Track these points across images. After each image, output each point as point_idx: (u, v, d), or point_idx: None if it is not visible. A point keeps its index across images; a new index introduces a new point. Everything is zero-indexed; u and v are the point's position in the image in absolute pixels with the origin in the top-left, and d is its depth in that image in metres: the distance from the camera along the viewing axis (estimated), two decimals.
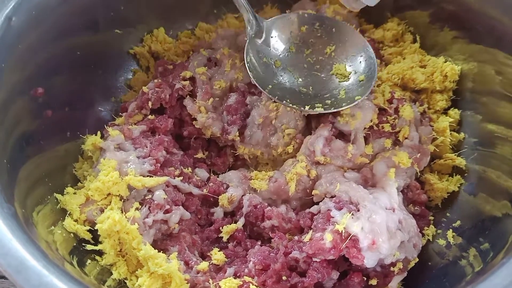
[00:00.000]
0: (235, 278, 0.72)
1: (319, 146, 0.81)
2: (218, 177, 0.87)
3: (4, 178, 0.65)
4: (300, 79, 0.88)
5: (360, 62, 0.88)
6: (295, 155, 0.86)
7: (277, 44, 0.90)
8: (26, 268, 0.55)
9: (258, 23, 0.88)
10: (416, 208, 0.82)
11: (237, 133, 0.87)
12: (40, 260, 0.56)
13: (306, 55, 0.90)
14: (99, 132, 0.84)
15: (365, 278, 0.73)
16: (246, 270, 0.73)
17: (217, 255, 0.76)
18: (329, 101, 0.84)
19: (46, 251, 0.59)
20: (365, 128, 0.83)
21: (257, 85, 0.84)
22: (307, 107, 0.83)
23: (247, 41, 0.88)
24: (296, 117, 0.87)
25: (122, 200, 0.76)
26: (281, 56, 0.90)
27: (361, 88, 0.84)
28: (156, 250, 0.70)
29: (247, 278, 0.71)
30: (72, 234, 0.73)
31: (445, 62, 0.90)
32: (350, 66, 0.88)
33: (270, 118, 0.86)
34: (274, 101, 0.84)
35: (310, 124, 0.89)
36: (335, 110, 0.82)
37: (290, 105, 0.82)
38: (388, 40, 0.99)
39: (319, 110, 0.82)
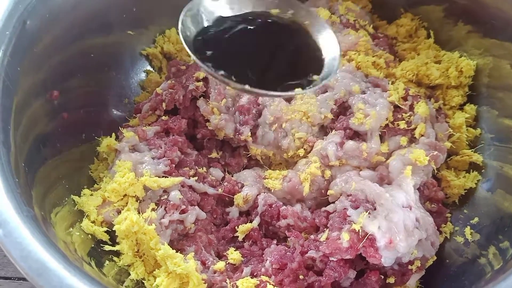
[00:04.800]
0: (252, 277, 0.72)
1: (332, 151, 0.80)
2: (232, 176, 0.87)
3: (22, 181, 0.66)
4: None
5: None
6: (308, 156, 0.85)
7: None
8: (47, 271, 0.55)
9: None
10: (433, 205, 0.81)
11: (249, 134, 0.86)
12: (61, 262, 0.56)
13: None
14: (113, 134, 0.84)
15: (383, 277, 0.73)
16: (263, 270, 0.73)
17: (234, 255, 0.76)
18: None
19: (65, 253, 0.60)
20: (380, 126, 0.83)
21: (186, 47, 0.70)
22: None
23: None
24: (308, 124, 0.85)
25: (138, 201, 0.76)
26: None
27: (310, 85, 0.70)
28: (174, 250, 0.71)
29: (264, 278, 0.71)
30: (90, 236, 0.73)
31: (460, 57, 0.89)
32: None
33: (281, 120, 0.85)
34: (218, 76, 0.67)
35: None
36: (278, 95, 0.67)
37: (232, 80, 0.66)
38: (401, 36, 0.98)
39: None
